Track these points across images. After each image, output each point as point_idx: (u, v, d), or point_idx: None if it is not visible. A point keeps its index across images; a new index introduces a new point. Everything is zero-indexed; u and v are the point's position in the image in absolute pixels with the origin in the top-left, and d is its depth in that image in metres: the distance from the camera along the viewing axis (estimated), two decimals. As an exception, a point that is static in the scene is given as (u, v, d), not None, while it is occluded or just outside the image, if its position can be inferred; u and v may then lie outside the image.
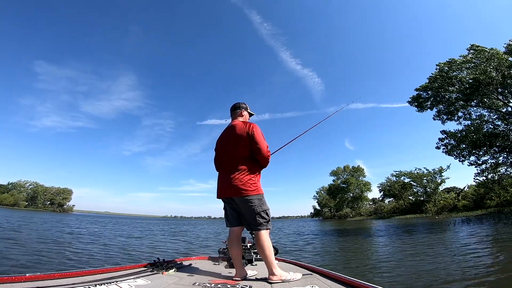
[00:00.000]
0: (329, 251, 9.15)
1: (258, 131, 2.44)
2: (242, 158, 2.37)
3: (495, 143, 21.50)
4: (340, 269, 4.89)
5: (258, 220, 2.26)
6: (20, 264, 5.05)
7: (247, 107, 2.78)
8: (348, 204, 64.25)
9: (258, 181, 2.41)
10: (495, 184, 24.21)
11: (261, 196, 2.37)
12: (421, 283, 4.15)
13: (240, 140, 2.39)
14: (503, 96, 21.16)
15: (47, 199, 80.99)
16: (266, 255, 2.14)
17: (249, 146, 2.38)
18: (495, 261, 5.46)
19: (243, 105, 2.76)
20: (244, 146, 2.38)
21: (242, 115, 2.70)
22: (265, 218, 2.29)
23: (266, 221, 2.29)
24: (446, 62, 21.99)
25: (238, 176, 2.31)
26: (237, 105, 2.73)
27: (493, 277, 4.16)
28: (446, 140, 23.34)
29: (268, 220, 2.31)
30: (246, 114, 2.75)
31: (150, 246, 9.66)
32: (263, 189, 2.46)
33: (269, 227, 2.30)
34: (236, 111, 2.72)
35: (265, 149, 2.40)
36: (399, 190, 48.30)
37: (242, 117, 2.70)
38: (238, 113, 2.71)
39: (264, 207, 2.32)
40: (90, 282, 1.70)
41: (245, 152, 2.38)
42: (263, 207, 2.31)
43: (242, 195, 2.27)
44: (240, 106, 2.73)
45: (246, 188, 2.28)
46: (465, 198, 36.17)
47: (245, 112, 2.74)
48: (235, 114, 2.72)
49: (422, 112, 24.00)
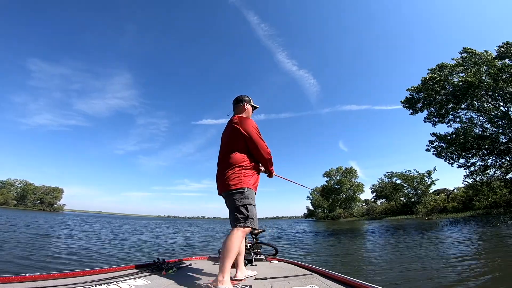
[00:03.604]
0: (323, 251, 9.17)
1: (254, 126, 2.28)
2: (232, 153, 2.25)
3: (484, 146, 21.79)
4: (337, 269, 4.82)
5: (235, 215, 2.07)
6: (18, 263, 4.97)
7: (250, 100, 2.57)
8: (341, 205, 64.65)
9: (247, 176, 2.21)
10: (484, 186, 24.56)
11: (244, 190, 2.14)
12: (413, 283, 4.21)
13: (231, 136, 2.28)
14: (493, 99, 21.47)
15: (37, 198, 79.62)
16: (223, 255, 1.89)
17: (239, 141, 2.25)
18: (478, 262, 5.47)
19: (246, 98, 2.55)
20: (234, 141, 2.27)
21: (245, 108, 2.50)
22: (243, 214, 2.06)
23: (245, 217, 2.05)
24: (437, 67, 22.24)
25: (226, 171, 2.21)
26: (240, 98, 2.54)
27: (475, 277, 4.20)
28: (436, 142, 23.59)
29: (247, 216, 2.05)
30: (249, 108, 2.55)
31: (149, 246, 9.59)
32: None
33: (249, 225, 2.04)
34: (238, 104, 2.52)
35: (264, 149, 2.28)
36: (390, 191, 48.81)
37: (245, 111, 2.50)
38: (240, 107, 2.51)
39: (245, 201, 2.10)
40: (90, 282, 1.71)
41: (234, 147, 2.26)
42: (243, 201, 2.10)
43: (225, 190, 2.17)
44: (242, 99, 2.53)
45: (229, 183, 2.16)
46: (455, 200, 36.73)
47: (248, 105, 2.54)
48: (237, 108, 2.53)
49: (414, 115, 24.23)
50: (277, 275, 2.25)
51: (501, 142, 21.38)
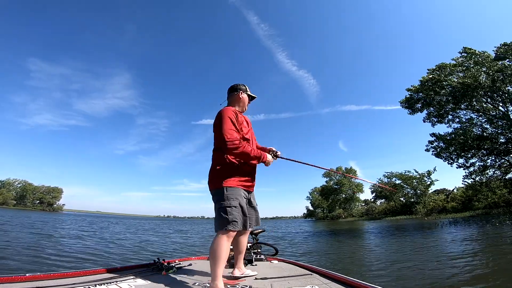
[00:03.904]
0: (323, 251, 9.17)
1: (223, 115, 2.06)
2: (214, 151, 2.16)
3: (483, 146, 21.83)
4: (337, 269, 4.83)
5: (216, 219, 1.93)
6: (18, 264, 4.97)
7: (246, 89, 2.38)
8: (340, 205, 64.67)
9: (230, 173, 2.03)
10: (483, 186, 24.57)
11: (223, 190, 1.96)
12: (413, 282, 4.22)
13: (214, 132, 2.15)
14: (492, 99, 21.49)
15: (36, 198, 79.55)
16: (210, 262, 1.83)
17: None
18: (477, 261, 5.47)
19: (242, 86, 2.37)
20: (215, 137, 2.15)
21: (239, 98, 2.32)
22: (222, 217, 1.88)
23: (225, 221, 1.86)
24: (437, 67, 22.26)
25: (210, 170, 2.13)
26: (234, 86, 2.36)
27: (472, 277, 4.21)
28: (435, 142, 23.63)
29: (227, 220, 1.86)
30: (245, 97, 2.35)
31: (149, 246, 9.55)
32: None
33: (231, 229, 1.86)
34: (232, 93, 2.35)
35: (225, 137, 1.95)
36: (390, 191, 48.80)
37: (239, 100, 2.32)
38: (234, 96, 2.34)
39: (224, 203, 1.91)
40: (90, 282, 1.72)
41: (216, 143, 2.15)
42: (222, 203, 1.92)
43: (210, 190, 2.09)
44: (237, 87, 2.35)
45: (211, 183, 2.08)
46: (454, 200, 36.72)
47: (244, 94, 2.34)
48: (231, 97, 2.35)
49: (413, 115, 24.27)
50: (277, 275, 2.25)
51: (501, 143, 21.42)
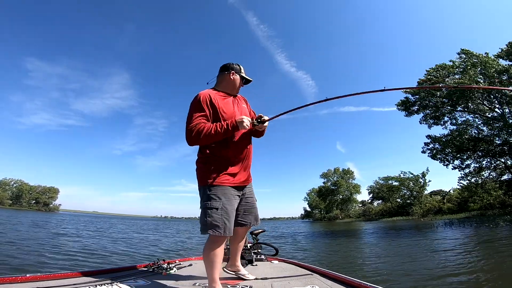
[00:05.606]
0: (323, 251, 9.23)
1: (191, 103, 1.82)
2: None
3: (478, 148, 22.00)
4: (337, 269, 4.89)
5: (199, 220, 1.77)
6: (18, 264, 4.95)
7: (240, 69, 2.02)
8: (337, 206, 64.79)
9: (212, 169, 1.78)
10: (478, 188, 24.79)
11: (205, 189, 1.75)
12: (412, 282, 4.28)
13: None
14: (489, 101, 21.67)
15: (32, 198, 78.79)
16: (205, 266, 1.74)
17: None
18: (470, 261, 5.56)
19: (235, 66, 2.00)
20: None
21: (230, 78, 1.97)
22: (202, 219, 1.69)
23: (206, 224, 1.66)
24: (435, 68, 22.42)
25: (196, 164, 1.95)
26: (226, 65, 2.00)
27: (466, 276, 4.28)
28: (431, 144, 23.78)
29: (207, 223, 1.65)
30: (236, 78, 1.99)
31: (149, 247, 9.54)
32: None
33: (213, 234, 1.65)
34: (223, 72, 1.99)
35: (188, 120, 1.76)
36: (387, 192, 49.10)
37: (229, 82, 1.98)
38: (223, 75, 1.99)
39: (205, 203, 1.71)
40: (91, 283, 1.71)
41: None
42: (202, 203, 1.74)
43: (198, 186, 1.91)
44: (229, 66, 1.99)
45: (197, 178, 1.87)
46: (450, 201, 36.99)
47: (236, 75, 1.99)
48: (220, 76, 2.01)
49: (409, 117, 24.41)
50: (277, 275, 2.24)
51: (496, 144, 21.60)
